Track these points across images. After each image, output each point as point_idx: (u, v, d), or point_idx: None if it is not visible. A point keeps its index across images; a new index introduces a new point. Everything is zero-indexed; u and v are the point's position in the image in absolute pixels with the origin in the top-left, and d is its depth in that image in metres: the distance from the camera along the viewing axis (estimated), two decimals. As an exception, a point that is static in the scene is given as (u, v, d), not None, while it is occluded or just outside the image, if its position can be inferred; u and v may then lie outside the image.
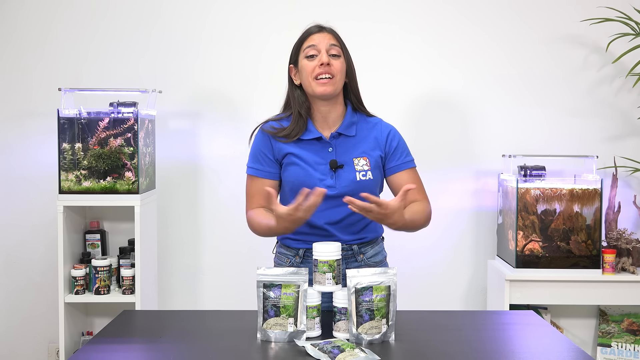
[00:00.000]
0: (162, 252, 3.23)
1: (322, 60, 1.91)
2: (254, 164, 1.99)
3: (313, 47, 1.93)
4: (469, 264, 3.24)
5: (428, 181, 3.15)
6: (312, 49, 1.93)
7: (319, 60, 1.91)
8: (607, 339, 3.09)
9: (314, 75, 1.92)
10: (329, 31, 1.97)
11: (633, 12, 3.05)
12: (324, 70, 1.91)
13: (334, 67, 1.92)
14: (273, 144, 1.97)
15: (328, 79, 1.91)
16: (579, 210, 2.92)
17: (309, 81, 1.93)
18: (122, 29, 3.19)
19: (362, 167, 1.95)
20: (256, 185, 1.98)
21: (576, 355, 1.62)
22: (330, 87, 1.92)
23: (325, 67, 1.91)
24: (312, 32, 1.96)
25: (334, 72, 1.92)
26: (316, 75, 1.92)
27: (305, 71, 1.94)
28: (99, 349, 1.67)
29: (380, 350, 1.61)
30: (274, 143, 1.97)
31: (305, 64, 1.94)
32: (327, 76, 1.91)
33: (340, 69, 1.93)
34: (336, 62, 1.93)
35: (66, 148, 2.85)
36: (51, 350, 3.23)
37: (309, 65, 1.93)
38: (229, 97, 3.21)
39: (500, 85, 3.21)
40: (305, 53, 1.94)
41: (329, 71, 1.91)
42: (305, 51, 1.94)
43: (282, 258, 2.03)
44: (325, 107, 1.97)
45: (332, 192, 1.91)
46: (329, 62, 1.91)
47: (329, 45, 1.93)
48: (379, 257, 2.03)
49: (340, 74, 1.94)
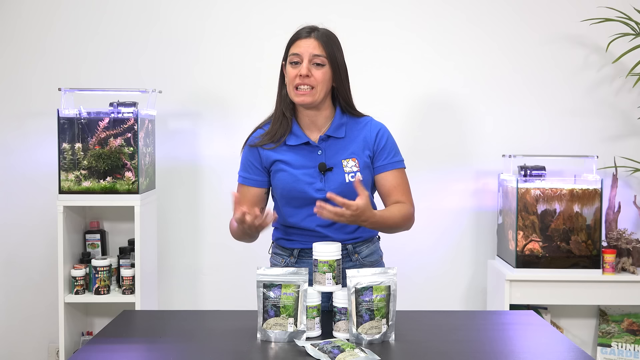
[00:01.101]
0: (162, 252, 3.23)
1: (302, 72, 1.90)
2: (243, 172, 2.02)
3: (296, 55, 1.92)
4: (469, 264, 3.24)
5: (428, 181, 3.19)
6: (295, 56, 1.92)
7: (299, 71, 1.91)
8: (607, 339, 3.09)
9: (294, 84, 1.92)
10: (316, 37, 1.93)
11: (633, 12, 3.05)
12: (303, 81, 1.90)
13: (314, 78, 1.91)
14: (261, 152, 1.98)
15: (307, 90, 1.91)
16: (579, 210, 2.92)
17: (290, 89, 1.94)
18: (122, 29, 3.19)
19: (351, 169, 1.95)
20: (244, 192, 2.01)
21: (576, 355, 1.62)
22: (308, 97, 1.91)
23: (304, 78, 1.90)
24: (299, 37, 1.94)
25: (314, 83, 1.91)
26: (296, 84, 1.91)
27: (288, 77, 1.94)
28: (99, 349, 1.67)
29: (380, 350, 1.61)
30: (261, 152, 1.98)
31: (288, 70, 1.94)
32: (306, 87, 1.91)
33: (321, 79, 1.92)
34: (318, 72, 1.91)
35: (66, 148, 2.85)
36: (51, 350, 3.23)
37: (291, 73, 1.93)
38: (229, 97, 3.21)
39: (500, 85, 3.21)
40: (290, 59, 1.94)
41: (308, 82, 1.90)
42: (290, 57, 1.93)
43: (277, 258, 2.04)
44: (311, 111, 1.97)
45: (322, 195, 1.91)
46: (309, 74, 1.90)
47: (311, 55, 1.91)
48: (374, 256, 2.03)
49: (322, 84, 1.92)
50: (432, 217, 3.19)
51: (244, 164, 2.02)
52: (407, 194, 2.00)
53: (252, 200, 1.98)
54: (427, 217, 3.16)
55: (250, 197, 1.99)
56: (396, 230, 1.96)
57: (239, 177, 2.03)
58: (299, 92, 1.91)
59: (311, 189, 1.92)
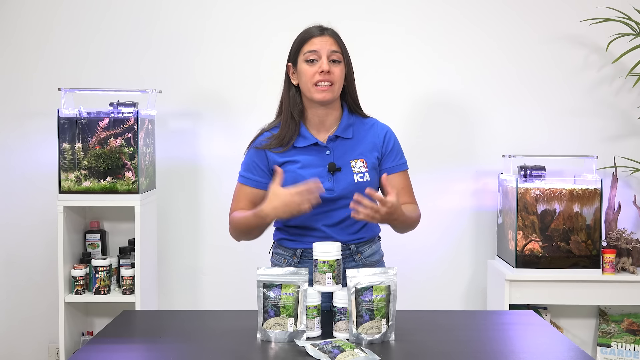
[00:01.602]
0: (162, 252, 3.23)
1: (323, 68, 1.90)
2: (246, 172, 2.00)
3: (314, 52, 1.91)
4: (469, 264, 3.24)
5: (428, 181, 3.19)
6: (313, 54, 1.92)
7: (319, 67, 1.90)
8: (607, 339, 3.09)
9: (313, 81, 1.91)
10: (330, 34, 1.95)
11: (633, 12, 3.05)
12: (324, 77, 1.90)
13: (334, 75, 1.91)
14: (268, 155, 1.97)
15: (328, 86, 1.91)
16: (579, 210, 2.92)
17: (308, 87, 1.93)
18: (122, 29, 3.19)
19: (360, 169, 1.95)
20: (244, 193, 2.00)
21: (576, 355, 1.62)
22: (329, 94, 1.92)
23: (326, 74, 1.90)
24: (313, 35, 1.93)
25: (334, 79, 1.91)
26: (316, 81, 1.91)
27: (305, 76, 1.93)
28: (99, 349, 1.67)
29: (380, 350, 1.61)
30: (269, 154, 1.97)
31: (305, 68, 1.93)
32: (327, 83, 1.91)
33: (340, 76, 1.93)
34: (336, 69, 1.92)
35: (66, 148, 2.85)
36: (51, 350, 3.23)
37: (309, 71, 1.92)
38: (229, 97, 3.21)
39: (500, 85, 3.21)
40: (305, 57, 1.93)
41: (329, 79, 1.91)
42: (306, 55, 1.92)
43: (279, 258, 2.03)
44: (322, 110, 1.97)
45: (331, 195, 1.92)
46: (329, 70, 1.90)
47: (329, 52, 1.91)
48: (376, 256, 2.04)
49: (340, 80, 1.94)
50: (432, 217, 3.19)
51: (247, 164, 2.00)
52: (412, 196, 2.04)
53: (250, 200, 1.98)
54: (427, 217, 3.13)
55: (249, 198, 1.99)
56: (408, 230, 1.99)
57: (240, 177, 2.02)
58: (320, 88, 1.91)
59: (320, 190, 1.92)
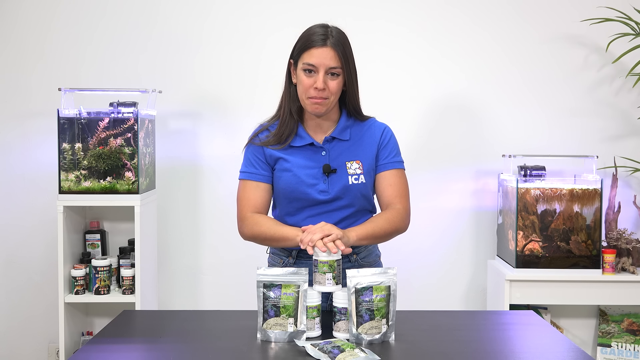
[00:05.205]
0: (162, 252, 3.23)
1: (318, 85, 1.87)
2: (248, 168, 1.99)
3: (311, 65, 1.88)
4: (469, 264, 3.24)
5: (428, 181, 3.19)
6: (310, 66, 1.88)
7: (314, 82, 1.88)
8: (607, 339, 3.09)
9: (308, 94, 1.90)
10: (333, 45, 1.88)
11: (633, 12, 3.05)
12: (318, 94, 1.88)
13: (328, 90, 1.89)
14: (265, 150, 1.97)
15: (322, 99, 1.90)
16: (579, 210, 2.92)
17: (302, 97, 1.92)
18: (122, 29, 3.19)
19: (355, 171, 1.95)
20: (251, 188, 1.97)
21: (576, 355, 1.62)
22: (322, 107, 1.91)
23: (320, 91, 1.88)
24: (315, 45, 1.88)
25: (328, 94, 1.89)
26: (310, 95, 1.89)
27: (301, 85, 1.91)
28: (99, 349, 1.67)
29: (380, 350, 1.61)
30: (266, 150, 1.97)
31: (302, 77, 1.90)
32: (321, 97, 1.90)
33: (336, 89, 1.90)
34: (332, 83, 1.89)
35: (66, 148, 2.85)
36: (51, 350, 3.23)
37: (305, 82, 1.89)
38: (229, 97, 3.21)
39: (500, 85, 3.21)
40: (303, 66, 1.90)
41: (324, 95, 1.89)
42: (304, 65, 1.89)
43: (276, 259, 2.03)
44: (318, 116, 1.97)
45: (325, 196, 1.92)
46: (324, 87, 1.88)
47: (327, 68, 1.87)
48: (372, 256, 2.04)
49: (336, 93, 1.91)
50: (432, 217, 3.19)
51: (249, 159, 1.99)
52: (400, 195, 1.98)
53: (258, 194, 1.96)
54: (427, 217, 3.17)
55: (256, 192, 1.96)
56: (388, 238, 1.95)
57: (242, 174, 2.00)
58: (313, 100, 1.89)
59: (314, 191, 1.92)
